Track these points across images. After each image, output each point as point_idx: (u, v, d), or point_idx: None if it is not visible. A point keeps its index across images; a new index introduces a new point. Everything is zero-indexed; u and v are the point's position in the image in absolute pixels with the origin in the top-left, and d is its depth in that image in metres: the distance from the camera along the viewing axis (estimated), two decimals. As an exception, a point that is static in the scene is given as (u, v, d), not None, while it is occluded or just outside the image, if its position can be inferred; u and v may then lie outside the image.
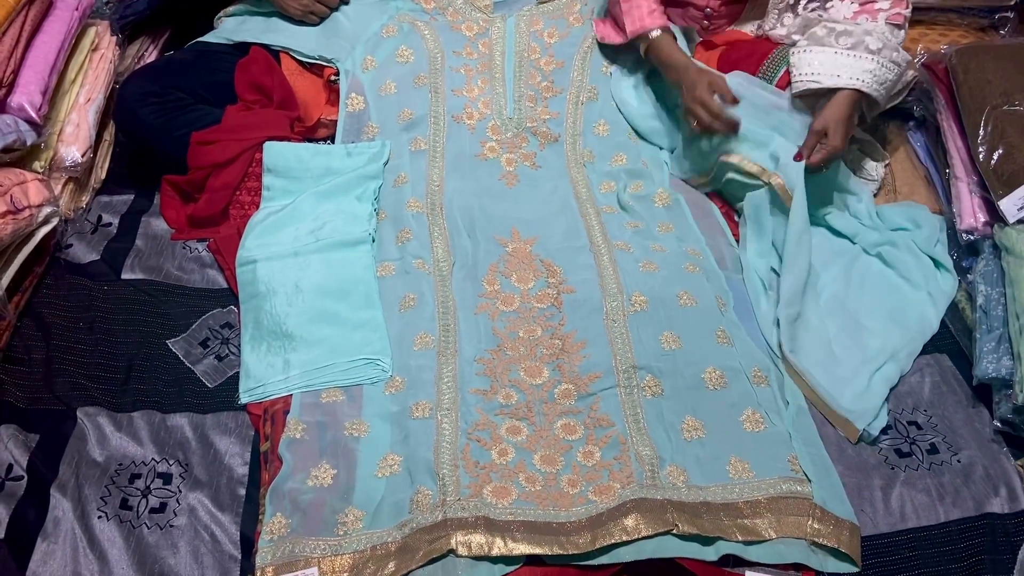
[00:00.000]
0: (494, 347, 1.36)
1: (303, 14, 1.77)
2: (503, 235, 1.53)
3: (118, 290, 1.48)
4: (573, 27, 1.82)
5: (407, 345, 1.36)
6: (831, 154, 1.47)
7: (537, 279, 1.46)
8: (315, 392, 1.31)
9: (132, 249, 1.56)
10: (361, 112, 1.74)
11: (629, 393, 1.28)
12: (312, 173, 1.63)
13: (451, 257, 1.50)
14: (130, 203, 1.66)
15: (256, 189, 1.61)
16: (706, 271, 1.47)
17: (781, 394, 1.31)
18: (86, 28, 1.71)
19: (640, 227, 1.56)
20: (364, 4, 1.84)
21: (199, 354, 1.40)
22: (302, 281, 1.43)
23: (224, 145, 1.59)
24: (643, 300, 1.39)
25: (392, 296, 1.44)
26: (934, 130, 1.68)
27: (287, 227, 1.54)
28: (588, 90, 1.77)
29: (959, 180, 1.53)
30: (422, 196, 1.60)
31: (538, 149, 1.71)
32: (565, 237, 1.53)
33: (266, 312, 1.40)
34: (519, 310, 1.42)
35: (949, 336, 1.43)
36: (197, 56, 1.72)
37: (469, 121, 1.72)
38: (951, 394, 1.35)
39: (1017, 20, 1.88)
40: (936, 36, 1.88)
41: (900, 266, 1.51)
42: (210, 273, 1.53)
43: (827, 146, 1.47)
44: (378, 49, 1.79)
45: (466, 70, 1.77)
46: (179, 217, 1.61)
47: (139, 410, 1.30)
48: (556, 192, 1.63)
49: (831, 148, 1.47)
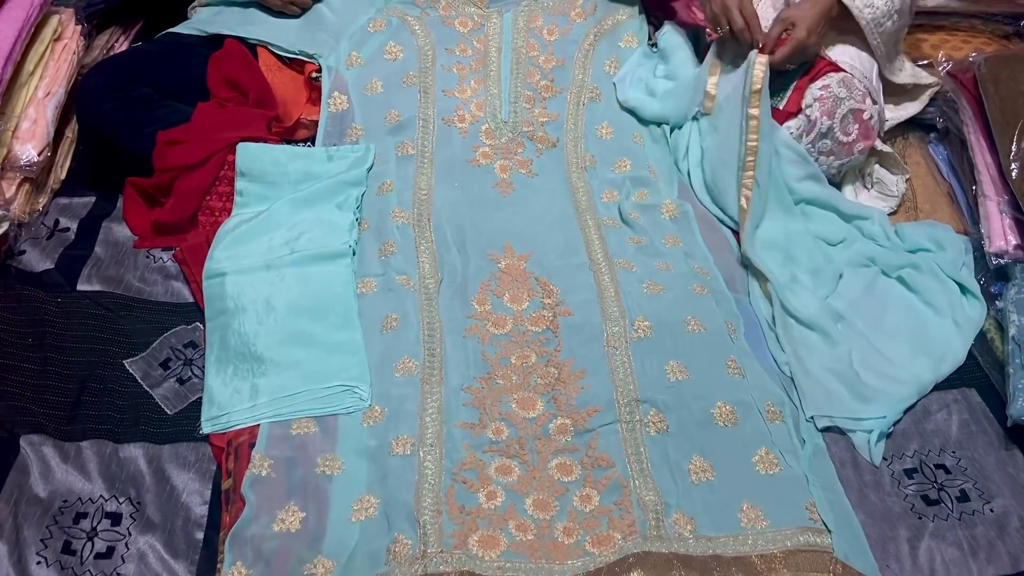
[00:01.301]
0: (483, 375, 1.24)
1: (283, 5, 1.65)
2: (495, 250, 1.41)
3: (72, 302, 1.35)
4: (575, 23, 1.71)
5: (388, 371, 1.24)
6: (797, 47, 1.43)
7: (532, 299, 1.34)
8: (285, 423, 1.18)
9: (90, 257, 1.43)
10: (344, 112, 1.61)
11: (631, 429, 1.17)
12: (289, 178, 1.50)
13: (438, 273, 1.38)
14: (91, 206, 1.53)
15: (228, 194, 1.49)
16: (715, 293, 1.36)
17: (797, 432, 1.20)
18: (48, 16, 1.58)
19: (644, 243, 1.44)
20: None
21: (159, 376, 1.27)
22: (274, 297, 1.31)
23: (193, 145, 1.46)
24: (647, 326, 1.27)
25: (373, 316, 1.31)
26: (958, 143, 1.57)
27: (260, 237, 1.41)
28: (590, 90, 1.65)
29: (988, 199, 1.42)
30: (408, 205, 1.48)
31: (535, 155, 1.59)
32: (563, 253, 1.41)
33: (234, 331, 1.27)
34: (511, 333, 1.30)
35: (977, 368, 1.32)
36: (166, 48, 1.59)
37: (461, 124, 1.60)
38: (981, 434, 1.23)
39: (1044, 27, 1.78)
40: (958, 43, 1.78)
41: (923, 291, 1.40)
42: (175, 285, 1.41)
43: (794, 37, 1.41)
44: (364, 45, 1.67)
45: (459, 69, 1.65)
46: (143, 223, 1.48)
47: (89, 439, 1.18)
48: (553, 203, 1.51)
49: (797, 40, 1.42)
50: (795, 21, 1.43)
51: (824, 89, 1.48)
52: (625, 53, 1.68)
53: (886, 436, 1.22)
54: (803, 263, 1.42)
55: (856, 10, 1.46)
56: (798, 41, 1.43)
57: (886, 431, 1.22)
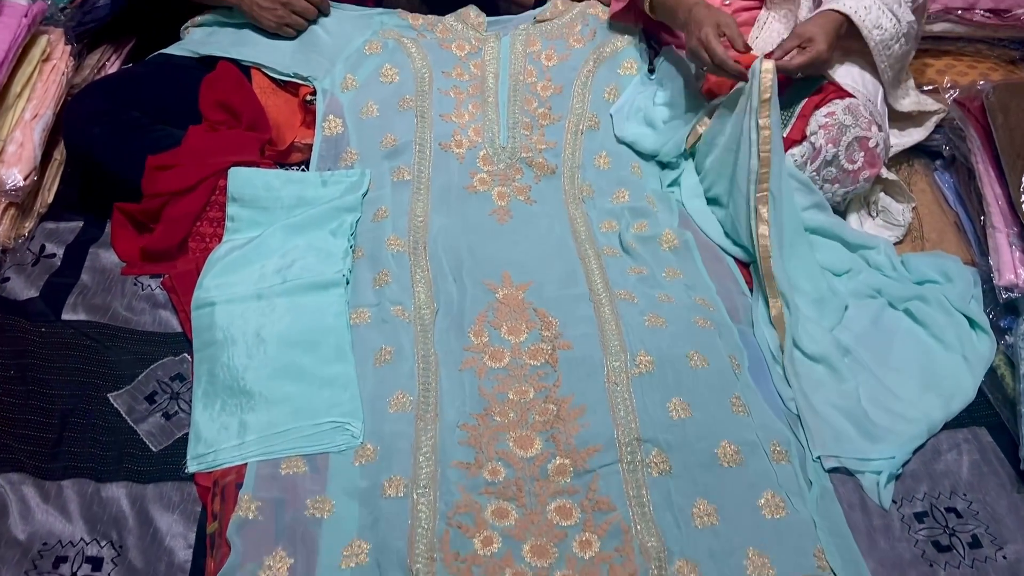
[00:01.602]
0: (480, 411, 1.20)
1: (278, 26, 1.61)
2: (493, 279, 1.38)
3: (57, 333, 1.31)
4: (574, 48, 1.67)
5: (381, 406, 1.20)
6: (815, 58, 1.39)
7: (530, 331, 1.30)
8: (274, 461, 1.14)
9: (76, 285, 1.39)
10: (339, 136, 1.58)
11: (633, 471, 1.13)
12: (282, 203, 1.47)
13: (434, 303, 1.34)
14: (78, 231, 1.49)
15: (219, 219, 1.45)
16: (718, 325, 1.32)
17: (803, 473, 1.16)
18: (36, 36, 1.54)
19: (645, 273, 1.40)
20: (346, 18, 1.69)
21: (144, 411, 1.23)
22: (265, 329, 1.27)
23: (184, 170, 1.43)
24: (649, 361, 1.24)
25: (366, 348, 1.27)
26: (965, 171, 1.54)
27: (252, 264, 1.38)
28: (588, 118, 1.62)
29: (997, 230, 1.38)
30: (404, 233, 1.44)
31: (533, 182, 1.55)
32: (562, 283, 1.38)
33: (222, 364, 1.23)
34: (509, 367, 1.26)
35: (987, 406, 1.28)
36: (158, 70, 1.56)
37: (458, 150, 1.56)
38: (992, 475, 1.20)
39: (1051, 54, 1.75)
40: (964, 68, 1.75)
41: (931, 324, 1.36)
42: (162, 315, 1.37)
43: (811, 49, 1.39)
44: (360, 67, 1.63)
45: (456, 93, 1.61)
46: (131, 249, 1.44)
47: (70, 477, 1.13)
48: (552, 230, 1.48)
49: (816, 51, 1.39)
50: (812, 36, 1.40)
51: (829, 116, 1.45)
52: (624, 80, 1.65)
53: (895, 478, 1.19)
54: (808, 293, 1.39)
55: (865, 30, 1.43)
56: (817, 52, 1.39)
57: (895, 472, 1.18)
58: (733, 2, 1.63)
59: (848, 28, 1.44)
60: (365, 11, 1.72)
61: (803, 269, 1.40)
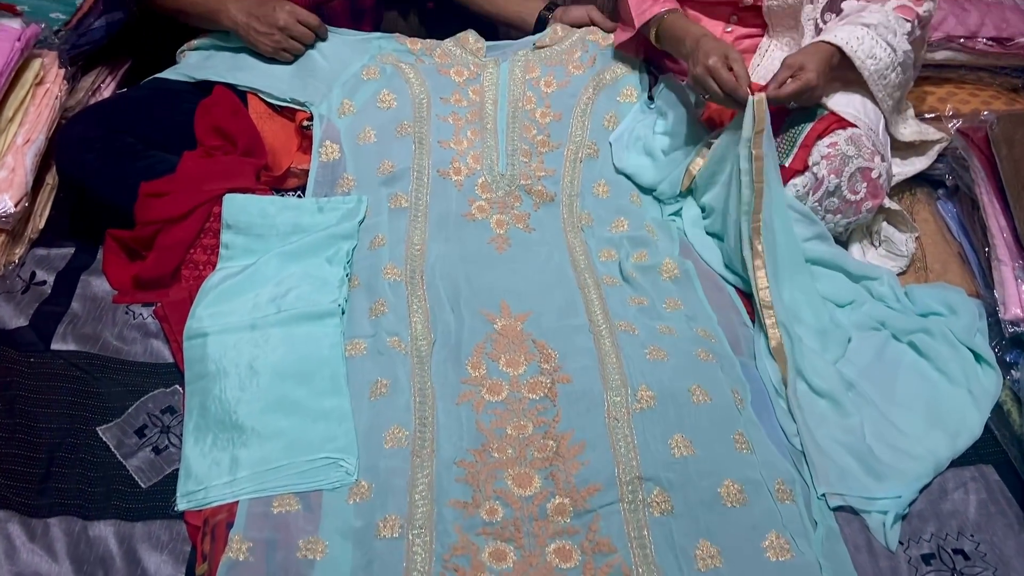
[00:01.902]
0: (477, 447, 1.17)
1: (274, 51, 1.60)
2: (491, 309, 1.35)
3: (46, 363, 1.28)
4: (573, 75, 1.66)
5: (377, 441, 1.17)
6: (805, 86, 1.37)
7: (529, 363, 1.28)
8: (266, 499, 1.11)
9: (67, 313, 1.36)
10: (336, 162, 1.56)
11: (634, 511, 1.10)
12: (278, 230, 1.44)
13: (431, 334, 1.32)
14: (69, 258, 1.46)
15: (213, 247, 1.43)
16: (720, 358, 1.30)
17: (808, 512, 1.13)
18: (30, 59, 1.53)
19: (645, 304, 1.38)
20: (343, 42, 1.67)
21: (133, 445, 1.20)
22: (258, 360, 1.24)
23: (178, 197, 1.41)
24: (650, 396, 1.21)
25: (362, 380, 1.25)
26: (968, 201, 1.53)
27: (246, 293, 1.35)
28: (588, 146, 1.60)
29: (1002, 263, 1.36)
30: (401, 261, 1.42)
31: (532, 210, 1.53)
32: (561, 314, 1.35)
33: (214, 397, 1.21)
34: (507, 401, 1.23)
35: (994, 443, 1.26)
36: (153, 95, 1.54)
37: (456, 177, 1.54)
38: (1000, 516, 1.17)
39: (1054, 83, 1.75)
40: (966, 96, 1.74)
41: (936, 358, 1.34)
42: (154, 344, 1.34)
43: (801, 77, 1.37)
44: (357, 92, 1.62)
45: (454, 119, 1.60)
46: (123, 277, 1.42)
47: (57, 515, 1.10)
48: (551, 259, 1.46)
49: (806, 79, 1.37)
50: (803, 64, 1.39)
51: (832, 147, 1.43)
52: (624, 108, 1.63)
53: (902, 518, 1.16)
54: (810, 324, 1.37)
55: (858, 61, 1.42)
56: (807, 80, 1.37)
57: (902, 512, 1.16)
58: (735, 29, 1.62)
59: (843, 59, 1.43)
60: (363, 35, 1.71)
61: (805, 300, 1.38)
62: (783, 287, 1.37)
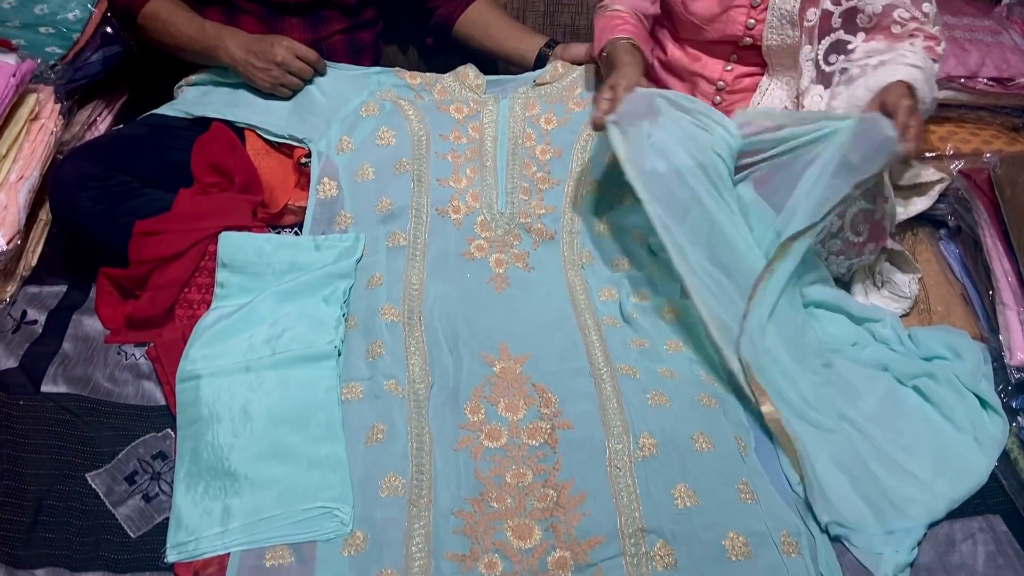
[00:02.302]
0: (476, 495, 1.15)
1: (272, 87, 1.59)
2: (490, 352, 1.33)
3: (36, 406, 1.25)
4: (573, 112, 1.65)
5: (372, 490, 1.15)
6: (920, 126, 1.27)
7: (528, 407, 1.26)
8: (258, 551, 1.08)
9: (58, 354, 1.34)
10: (334, 199, 1.54)
11: (636, 564, 1.07)
12: (274, 268, 1.42)
13: (429, 377, 1.29)
14: (62, 296, 1.44)
15: (208, 286, 1.41)
16: (723, 403, 1.28)
17: (815, 566, 1.10)
18: (25, 95, 1.51)
19: (647, 346, 1.36)
20: (342, 77, 1.66)
21: (123, 492, 1.17)
22: (252, 405, 1.22)
23: (173, 236, 1.39)
24: (652, 443, 1.19)
25: (358, 425, 1.22)
26: (971, 242, 1.51)
27: (240, 333, 1.33)
28: (588, 183, 1.59)
29: (1007, 307, 1.35)
30: (398, 301, 1.40)
31: (531, 248, 1.52)
32: (561, 356, 1.33)
33: (207, 443, 1.18)
34: (507, 447, 1.21)
35: (1001, 492, 1.24)
36: (149, 132, 1.52)
37: (455, 215, 1.53)
38: (1009, 568, 1.15)
39: (1055, 123, 1.74)
40: (966, 135, 1.73)
41: (941, 403, 1.32)
42: (146, 386, 1.31)
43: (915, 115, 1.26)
44: (356, 129, 1.60)
45: (453, 157, 1.58)
46: (116, 316, 1.39)
47: (44, 566, 1.07)
48: (551, 299, 1.44)
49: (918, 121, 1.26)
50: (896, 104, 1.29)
51: None
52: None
53: (909, 566, 1.14)
54: (779, 339, 1.34)
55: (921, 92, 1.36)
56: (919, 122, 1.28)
57: (908, 560, 1.13)
58: (735, 68, 1.61)
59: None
60: (362, 71, 1.70)
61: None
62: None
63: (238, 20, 1.63)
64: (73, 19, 1.73)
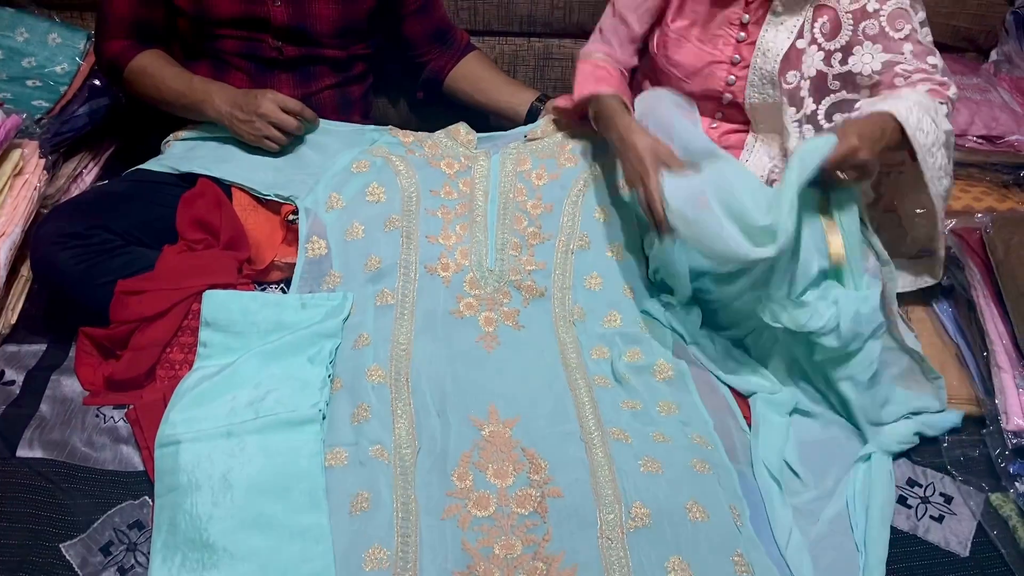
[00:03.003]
0: (463, 568, 1.11)
1: (256, 139, 1.57)
2: (479, 415, 1.30)
3: (10, 473, 1.22)
4: (564, 167, 1.64)
5: (356, 562, 1.11)
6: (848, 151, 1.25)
7: (517, 473, 1.23)
8: (236, 631, 1.04)
9: (35, 416, 1.31)
10: (323, 258, 1.52)
11: (629, 642, 1.04)
12: (259, 328, 1.39)
13: (416, 442, 1.26)
14: (41, 356, 1.41)
15: (191, 345, 1.38)
16: (717, 469, 1.25)
17: (813, 642, 1.07)
18: (9, 150, 1.50)
19: (638, 409, 1.34)
20: (335, 133, 1.65)
21: (98, 564, 1.13)
22: (233, 472, 1.18)
23: (155, 295, 1.36)
24: (645, 513, 1.16)
25: (342, 493, 1.19)
26: (964, 302, 1.50)
27: (223, 396, 1.30)
28: (579, 237, 1.57)
29: (1002, 370, 1.34)
30: (386, 362, 1.37)
31: (522, 306, 1.49)
32: (552, 420, 1.31)
33: (185, 512, 1.14)
34: (495, 516, 1.17)
35: (1000, 561, 1.21)
36: (134, 188, 1.50)
37: (444, 272, 1.51)
38: (1011, 642, 1.12)
39: (1044, 178, 1.74)
40: (957, 192, 1.74)
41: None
42: (124, 451, 1.28)
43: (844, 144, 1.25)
44: (346, 185, 1.58)
45: (443, 213, 1.57)
46: (95, 377, 1.36)
47: (13, 645, 1.04)
48: (541, 358, 1.41)
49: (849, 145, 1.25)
50: (845, 131, 1.29)
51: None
52: (617, 200, 1.61)
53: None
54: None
55: (910, 129, 1.31)
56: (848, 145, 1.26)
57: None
58: (720, 125, 1.61)
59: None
60: (357, 127, 1.69)
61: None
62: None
63: (227, 75, 1.62)
64: (61, 72, 1.73)
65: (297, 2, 1.59)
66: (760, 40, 1.48)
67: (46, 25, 1.77)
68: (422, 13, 1.75)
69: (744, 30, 1.50)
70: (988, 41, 1.97)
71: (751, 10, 1.49)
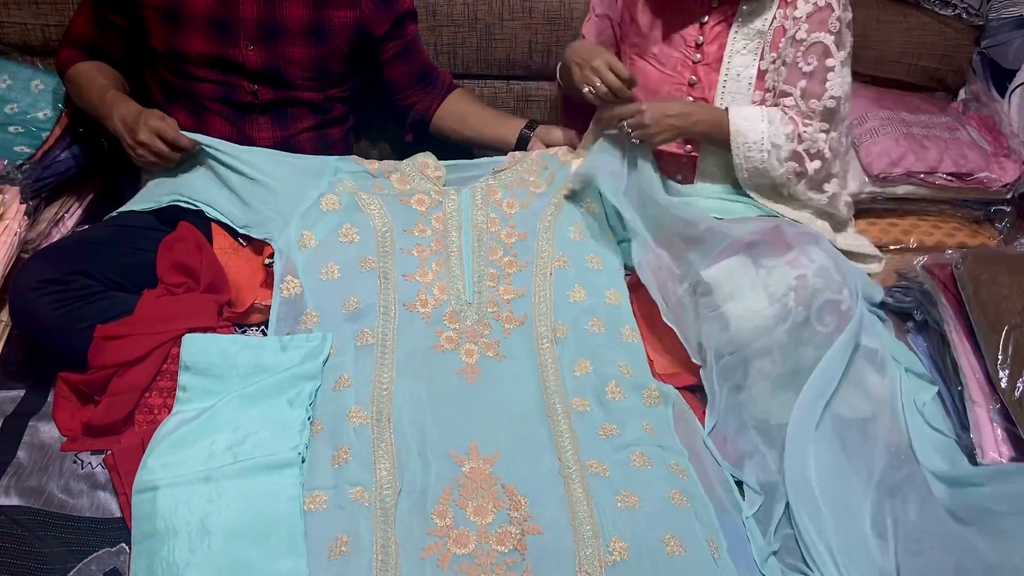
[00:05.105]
0: (443, 609, 1.11)
1: (144, 166, 1.56)
2: (459, 451, 1.31)
3: (-13, 521, 1.21)
4: (534, 195, 1.68)
5: (334, 607, 1.11)
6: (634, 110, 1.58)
7: (497, 511, 1.23)
8: None
9: (12, 464, 1.30)
10: (298, 297, 1.52)
11: None
12: (238, 371, 1.40)
13: (397, 483, 1.26)
14: (19, 401, 1.40)
15: (170, 390, 1.38)
16: (694, 500, 1.26)
17: None
18: (-11, 197, 1.50)
19: (615, 435, 1.35)
20: (298, 167, 1.64)
21: (74, 613, 1.12)
22: (211, 518, 1.18)
23: (134, 340, 1.36)
24: (623, 547, 1.17)
25: (320, 538, 1.19)
26: (937, 336, 1.52)
27: (202, 440, 1.29)
28: (557, 258, 1.60)
29: (976, 404, 1.35)
30: (367, 403, 1.37)
31: (502, 336, 1.50)
32: (532, 455, 1.31)
33: (161, 559, 1.14)
34: (475, 554, 1.18)
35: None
36: (114, 232, 1.51)
37: (423, 309, 1.52)
38: None
39: (1015, 214, 1.78)
40: (929, 228, 1.77)
41: None
42: (101, 497, 1.27)
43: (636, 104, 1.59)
44: (317, 224, 1.59)
45: (419, 251, 1.58)
46: (73, 423, 1.35)
47: None
48: (521, 387, 1.42)
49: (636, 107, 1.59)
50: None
51: (800, 279, 1.44)
52: (588, 218, 1.65)
53: None
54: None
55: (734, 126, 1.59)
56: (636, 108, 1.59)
57: None
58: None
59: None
60: (319, 159, 1.68)
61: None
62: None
63: (206, 118, 1.63)
64: (43, 118, 1.74)
65: (270, 45, 1.60)
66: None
67: (29, 72, 1.78)
68: (403, 56, 1.77)
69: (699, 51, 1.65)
70: (956, 80, 2.02)
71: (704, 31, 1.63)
